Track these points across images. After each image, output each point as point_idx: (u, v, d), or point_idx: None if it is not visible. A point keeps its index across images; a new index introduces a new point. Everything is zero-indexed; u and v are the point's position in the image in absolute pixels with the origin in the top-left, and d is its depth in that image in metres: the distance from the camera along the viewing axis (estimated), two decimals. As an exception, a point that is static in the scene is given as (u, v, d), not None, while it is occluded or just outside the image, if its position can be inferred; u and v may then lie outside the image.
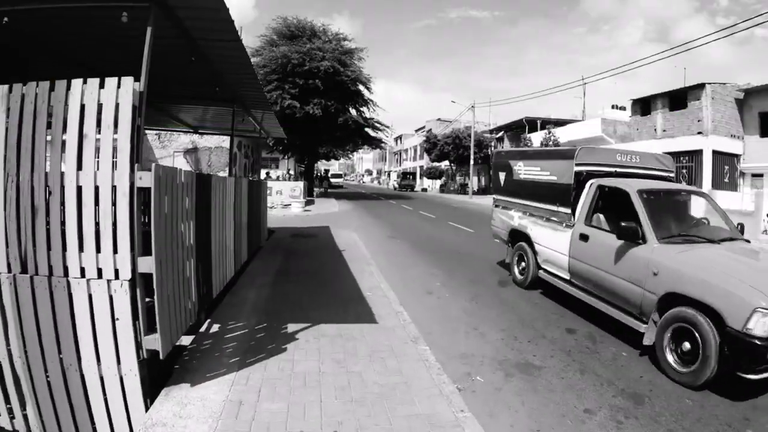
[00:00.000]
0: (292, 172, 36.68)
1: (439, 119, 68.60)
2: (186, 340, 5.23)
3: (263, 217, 11.69)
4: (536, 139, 29.75)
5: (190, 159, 27.65)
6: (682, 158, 23.72)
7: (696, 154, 22.80)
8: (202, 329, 5.52)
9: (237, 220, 7.60)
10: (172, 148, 28.12)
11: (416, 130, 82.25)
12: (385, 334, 5.32)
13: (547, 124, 42.05)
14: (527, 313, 6.67)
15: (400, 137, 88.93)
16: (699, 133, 23.23)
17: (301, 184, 24.92)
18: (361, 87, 31.61)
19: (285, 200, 24.45)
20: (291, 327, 5.54)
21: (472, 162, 42.21)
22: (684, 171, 23.71)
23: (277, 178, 28.14)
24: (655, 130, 26.85)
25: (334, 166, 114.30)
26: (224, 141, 26.01)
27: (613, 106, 47.11)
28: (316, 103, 28.89)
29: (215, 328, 5.60)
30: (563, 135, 32.02)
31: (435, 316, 6.39)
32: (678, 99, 25.51)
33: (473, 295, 7.52)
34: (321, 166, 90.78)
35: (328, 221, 17.61)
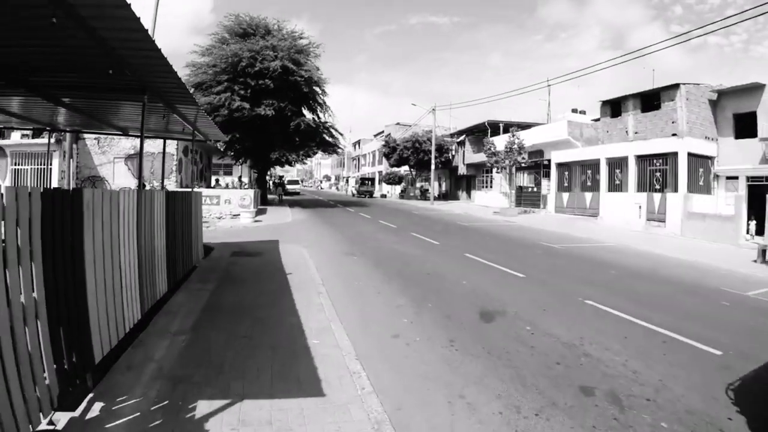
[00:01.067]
0: (244, 179, 34.50)
1: (398, 123, 67.44)
2: (62, 419, 3.59)
3: (195, 234, 9.85)
4: (499, 142, 28.77)
5: (131, 166, 25.37)
6: (655, 161, 23.05)
7: (671, 157, 22.08)
8: (81, 408, 3.82)
9: (146, 247, 5.85)
10: (112, 154, 25.72)
11: (375, 135, 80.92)
12: (336, 418, 3.70)
13: (509, 127, 41.29)
14: (523, 363, 5.16)
15: (358, 142, 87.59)
16: (674, 134, 22.59)
17: (251, 192, 23.01)
18: (315, 89, 29.89)
19: (234, 210, 22.49)
20: (202, 406, 3.86)
21: (433, 167, 41.00)
22: (658, 174, 22.99)
23: (226, 186, 26.06)
24: (627, 132, 26.21)
25: (292, 173, 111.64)
26: (170, 145, 23.90)
27: (573, 110, 46.91)
28: (267, 104, 27.03)
29: (97, 408, 3.88)
30: (528, 138, 31.15)
31: (405, 376, 4.78)
32: (650, 100, 24.95)
33: (451, 336, 5.96)
34: (278, 172, 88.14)
35: (279, 234, 15.86)
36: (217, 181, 26.45)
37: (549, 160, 31.14)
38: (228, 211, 22.62)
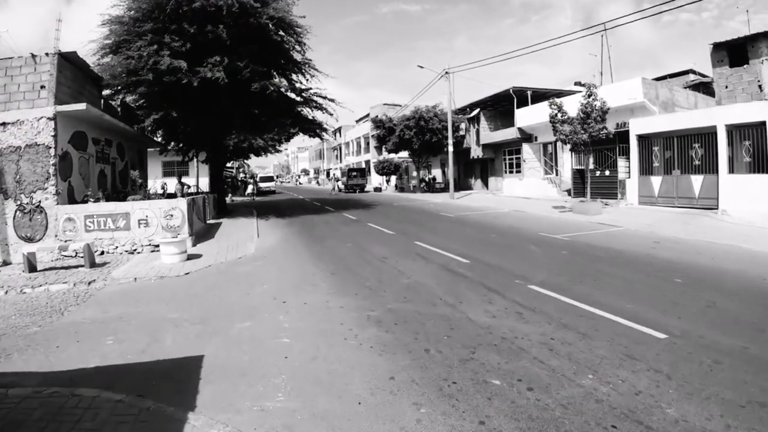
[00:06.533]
0: (191, 181, 24.13)
1: (386, 104, 57.77)
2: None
3: None
4: (571, 105, 19.44)
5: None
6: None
7: None
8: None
9: None
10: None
11: (358, 120, 71.15)
12: None
13: (541, 96, 32.10)
14: None
15: (339, 129, 77.40)
16: None
17: (182, 205, 13.09)
18: (290, 39, 19.92)
19: (155, 236, 12.82)
20: None
21: (451, 148, 31.31)
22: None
23: (145, 195, 15.84)
24: (760, 86, 17.06)
25: (268, 168, 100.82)
26: (40, 133, 13.96)
27: (576, 83, 38.63)
28: (216, 63, 17.16)
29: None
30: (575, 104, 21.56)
31: None
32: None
33: None
34: (253, 168, 77.43)
35: (214, 317, 6.34)
36: (140, 185, 16.51)
37: (617, 133, 21.98)
38: (147, 238, 12.91)
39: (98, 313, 7.22)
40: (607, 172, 22.70)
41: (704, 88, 27.32)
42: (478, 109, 36.59)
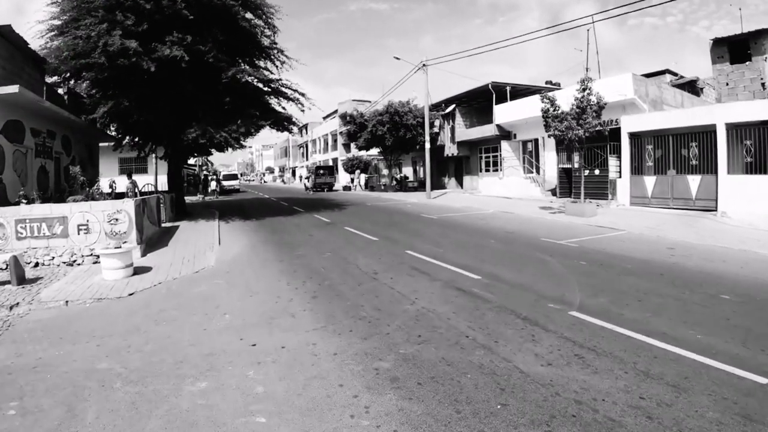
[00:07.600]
0: (149, 179, 21.81)
1: (355, 100, 55.98)
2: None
3: None
4: (564, 98, 18.13)
5: None
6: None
7: None
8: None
9: None
10: None
11: (325, 117, 69.08)
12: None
13: (520, 93, 31.08)
14: None
15: (305, 126, 75.18)
16: None
17: (129, 207, 11.08)
18: (257, 21, 17.96)
19: (98, 244, 10.81)
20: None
21: (428, 145, 29.81)
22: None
23: (89, 194, 13.46)
24: (763, 84, 16.15)
25: (232, 167, 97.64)
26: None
27: (547, 82, 38.07)
28: (175, 41, 15.06)
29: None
30: (564, 100, 20.11)
31: None
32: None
33: None
34: (217, 165, 74.37)
35: (152, 371, 4.50)
36: (82, 183, 14.28)
37: (608, 130, 20.82)
38: (88, 247, 10.88)
39: (11, 355, 5.31)
40: (596, 172, 21.56)
41: (689, 87, 26.57)
42: (453, 105, 35.23)
